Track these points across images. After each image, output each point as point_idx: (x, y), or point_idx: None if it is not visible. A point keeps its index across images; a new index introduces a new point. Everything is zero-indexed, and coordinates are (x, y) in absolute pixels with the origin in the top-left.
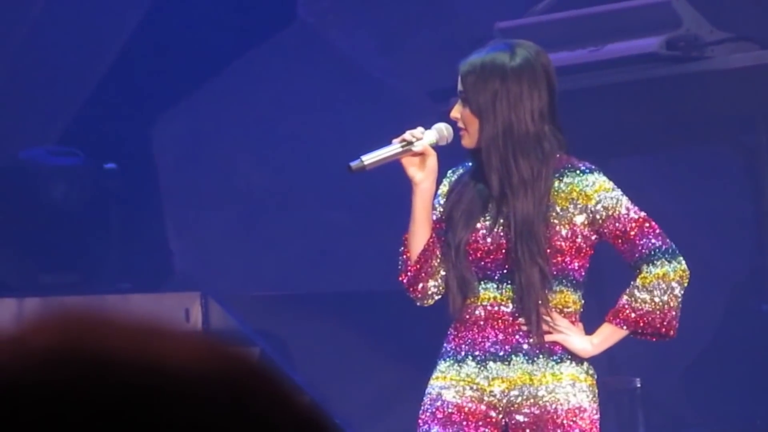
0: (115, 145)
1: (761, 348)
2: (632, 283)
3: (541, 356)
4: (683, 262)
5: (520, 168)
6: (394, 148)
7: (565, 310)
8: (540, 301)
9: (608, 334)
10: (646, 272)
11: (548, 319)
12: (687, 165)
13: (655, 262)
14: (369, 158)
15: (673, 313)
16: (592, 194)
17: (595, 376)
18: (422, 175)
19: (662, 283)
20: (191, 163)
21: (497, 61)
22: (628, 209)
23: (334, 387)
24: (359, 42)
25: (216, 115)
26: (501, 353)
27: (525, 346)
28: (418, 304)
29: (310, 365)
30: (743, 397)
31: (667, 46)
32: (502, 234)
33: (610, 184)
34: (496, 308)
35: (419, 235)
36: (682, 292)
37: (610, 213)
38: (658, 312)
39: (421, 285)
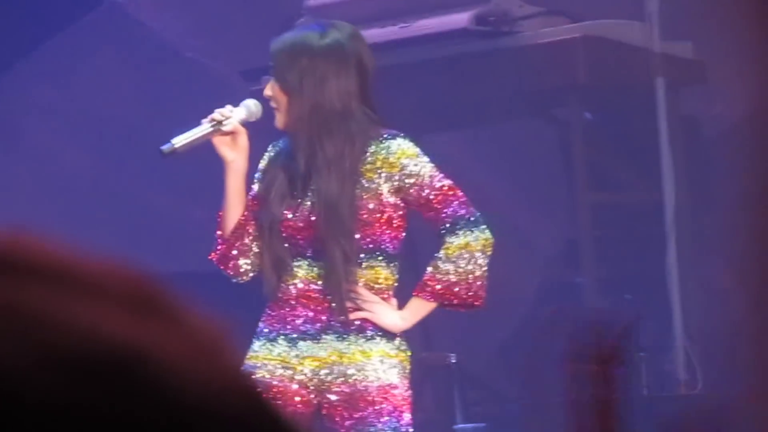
0: None
1: (575, 322)
2: (436, 254)
3: (351, 334)
4: (487, 231)
5: (325, 147)
6: (204, 128)
7: (376, 285)
8: (343, 280)
9: (416, 308)
10: (449, 242)
11: (356, 295)
12: (499, 139)
13: (457, 231)
14: (180, 140)
15: (479, 282)
16: (396, 162)
17: (408, 352)
18: (234, 154)
19: (465, 253)
20: (3, 149)
21: (306, 41)
22: (432, 177)
23: None
24: (170, 22)
25: (28, 99)
26: (312, 332)
27: (335, 324)
28: (234, 281)
29: None
30: (559, 371)
31: (476, 21)
32: (309, 213)
33: (414, 150)
34: (307, 286)
35: (232, 213)
36: (487, 260)
37: (414, 180)
38: (463, 282)
39: (232, 263)
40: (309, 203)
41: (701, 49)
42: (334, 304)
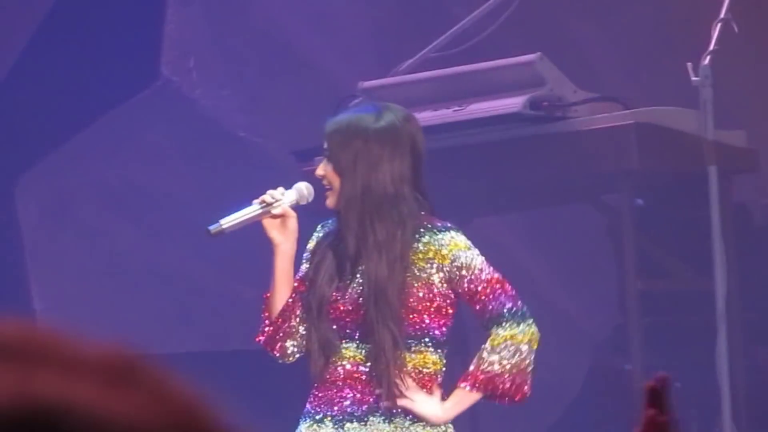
0: None
1: (624, 408)
2: (482, 345)
3: (398, 416)
4: (533, 324)
5: (376, 230)
6: (253, 209)
7: (424, 370)
8: (391, 365)
9: (460, 398)
10: (495, 334)
11: (399, 382)
12: (550, 224)
13: (503, 324)
14: (228, 221)
15: (523, 375)
16: (447, 253)
17: None
18: (282, 237)
19: (511, 345)
20: (55, 223)
21: (362, 122)
22: (481, 269)
23: None
24: (223, 101)
25: (80, 174)
26: (358, 413)
27: (382, 406)
28: (280, 362)
29: None
30: None
31: (530, 105)
32: (358, 295)
33: (466, 243)
34: (355, 368)
35: (279, 295)
36: (532, 354)
37: (464, 272)
38: (507, 375)
39: (279, 345)
40: (357, 285)
41: (755, 138)
42: (381, 388)
